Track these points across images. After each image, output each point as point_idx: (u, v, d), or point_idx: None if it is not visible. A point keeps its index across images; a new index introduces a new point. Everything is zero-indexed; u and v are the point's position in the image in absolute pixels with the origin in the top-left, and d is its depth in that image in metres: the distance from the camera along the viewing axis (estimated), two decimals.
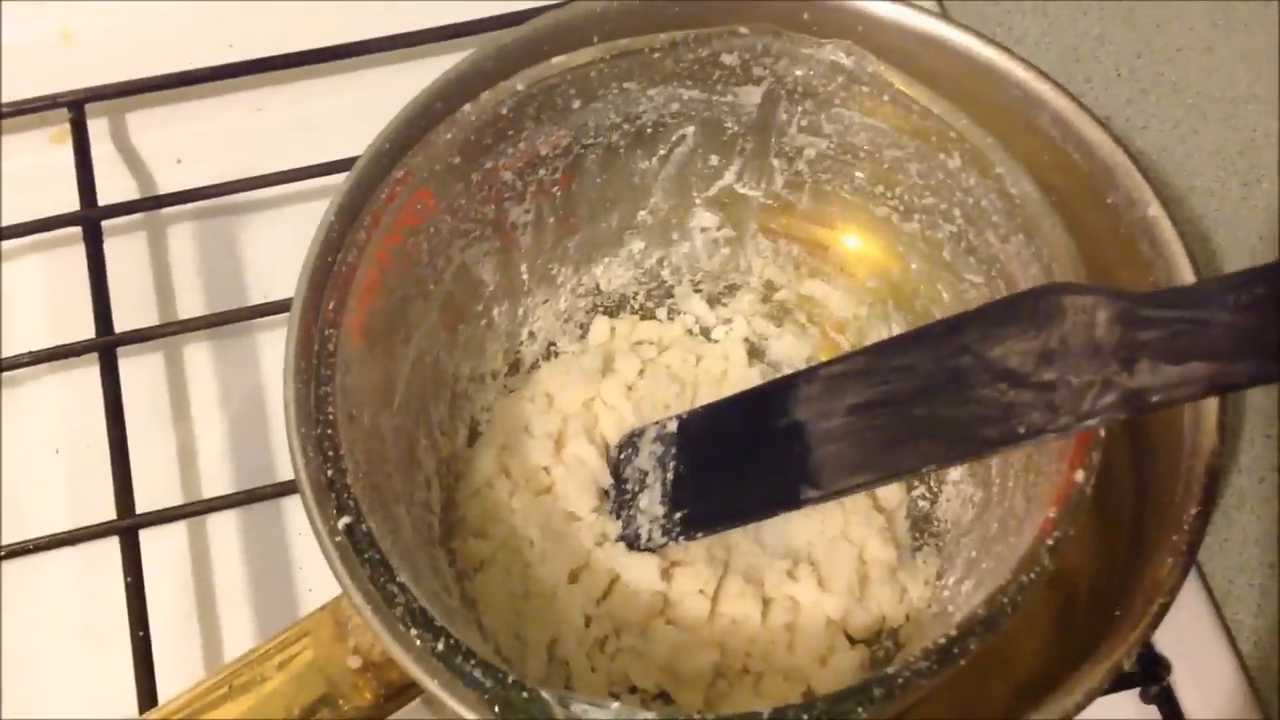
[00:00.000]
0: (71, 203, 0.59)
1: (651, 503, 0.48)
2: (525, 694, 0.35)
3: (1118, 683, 0.39)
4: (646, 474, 0.49)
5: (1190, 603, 0.54)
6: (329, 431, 0.40)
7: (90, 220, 0.59)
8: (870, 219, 0.51)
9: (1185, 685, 0.50)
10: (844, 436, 0.42)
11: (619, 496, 0.49)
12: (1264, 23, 0.48)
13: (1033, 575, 0.37)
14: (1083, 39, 0.59)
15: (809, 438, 0.43)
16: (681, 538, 0.47)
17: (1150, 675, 0.49)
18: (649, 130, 0.49)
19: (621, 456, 0.50)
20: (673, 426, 0.49)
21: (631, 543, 0.48)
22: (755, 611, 0.48)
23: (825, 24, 0.47)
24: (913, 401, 0.40)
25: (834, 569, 0.49)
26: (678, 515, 0.47)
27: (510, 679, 0.35)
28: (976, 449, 0.39)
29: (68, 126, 0.62)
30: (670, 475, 0.48)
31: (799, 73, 0.47)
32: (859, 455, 0.41)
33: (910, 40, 0.47)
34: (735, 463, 0.46)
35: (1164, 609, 0.39)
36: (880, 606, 0.48)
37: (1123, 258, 0.44)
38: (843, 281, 0.53)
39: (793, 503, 0.44)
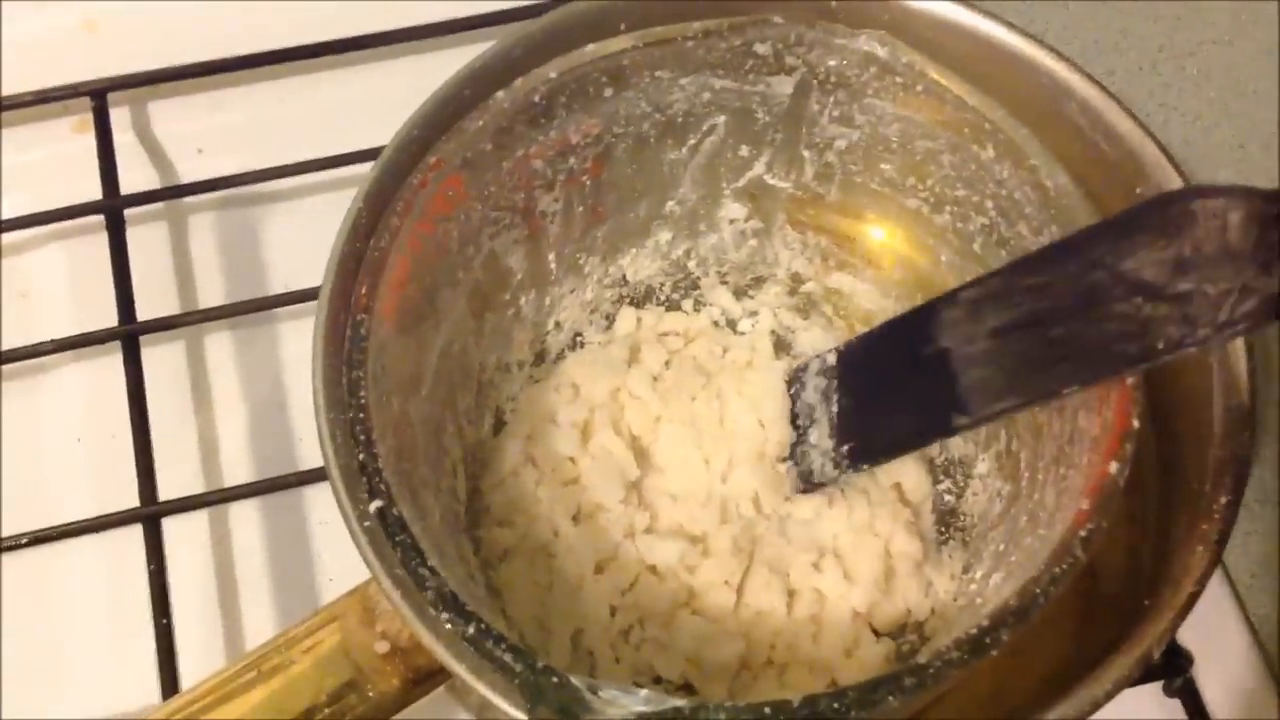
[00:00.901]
0: (94, 192, 0.59)
1: (821, 436, 0.48)
2: (555, 680, 0.35)
3: (1142, 675, 0.39)
4: (814, 408, 0.49)
5: (1213, 597, 0.53)
6: (361, 415, 0.40)
7: (112, 209, 0.59)
8: (900, 211, 0.51)
9: (1207, 679, 0.51)
10: (987, 361, 0.41)
11: (795, 434, 0.49)
12: None
13: (1065, 566, 0.37)
14: (1105, 32, 0.59)
15: (954, 364, 0.42)
16: (851, 470, 0.47)
17: (1173, 668, 0.49)
18: (680, 120, 0.49)
19: (791, 393, 0.50)
20: (832, 359, 0.49)
21: (806, 479, 0.48)
22: (780, 603, 0.48)
23: (852, 13, 0.47)
24: (1050, 322, 0.39)
25: (860, 562, 0.49)
26: (845, 448, 0.47)
27: (540, 664, 0.35)
28: (1116, 367, 0.38)
29: (90, 116, 0.62)
30: (835, 408, 0.48)
31: (832, 63, 0.47)
32: (1002, 380, 0.41)
33: (937, 29, 0.47)
34: (890, 392, 0.46)
35: (1194, 598, 0.39)
36: (906, 600, 0.49)
37: None
38: (870, 274, 0.53)
39: (946, 430, 0.43)
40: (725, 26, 0.46)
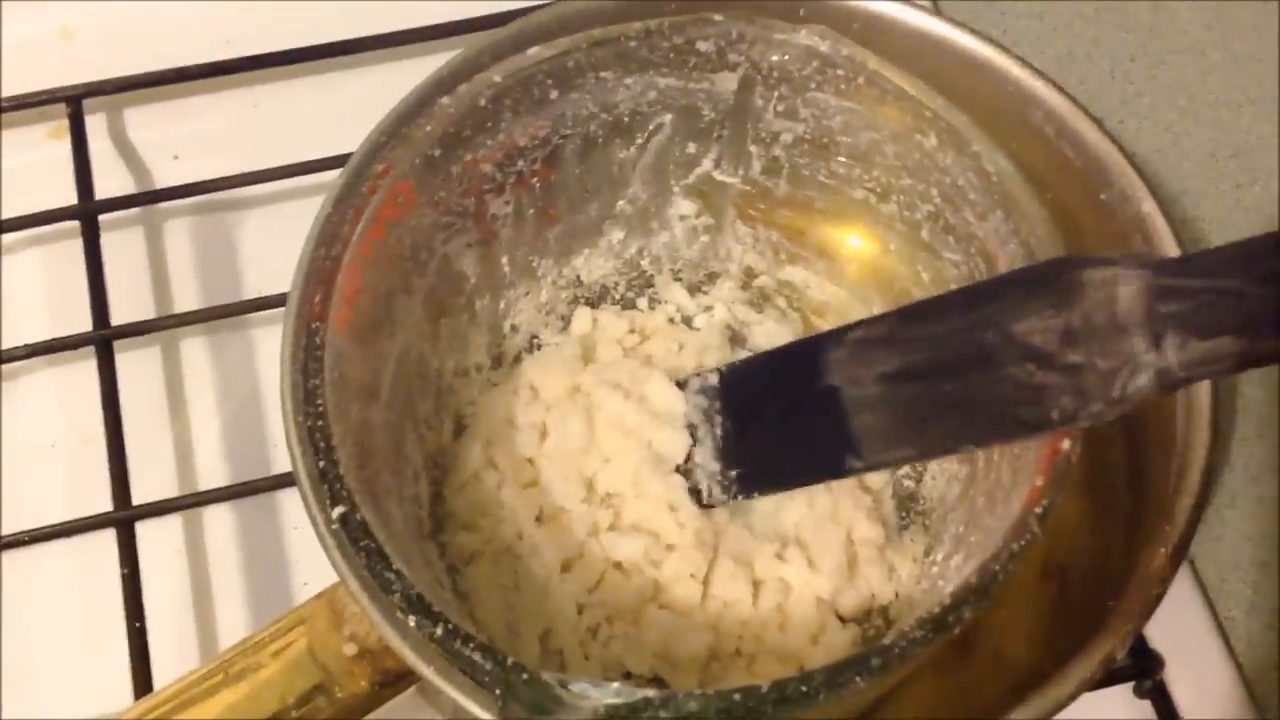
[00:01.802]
0: (69, 197, 0.60)
1: (706, 458, 0.49)
2: (526, 676, 0.35)
3: (1111, 677, 0.39)
4: (697, 427, 0.49)
5: (1183, 599, 0.54)
6: (320, 423, 0.40)
7: (88, 215, 0.59)
8: (848, 202, 0.51)
9: (1178, 681, 0.51)
10: (879, 407, 0.41)
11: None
12: (1258, 26, 0.48)
13: (1023, 543, 0.37)
14: (1078, 41, 0.59)
15: (845, 404, 0.42)
16: (740, 496, 0.48)
17: (1143, 670, 0.49)
18: (626, 119, 0.49)
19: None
20: (714, 380, 0.49)
21: (696, 497, 0.49)
22: (746, 594, 0.48)
23: (821, 21, 0.47)
24: (943, 376, 0.39)
25: (823, 549, 0.49)
26: (732, 474, 0.48)
27: (510, 661, 0.35)
28: (1013, 431, 0.38)
29: (66, 122, 0.62)
30: (719, 431, 0.48)
31: (774, 58, 0.47)
32: (897, 429, 0.41)
33: (906, 38, 0.47)
34: (778, 423, 0.46)
35: (1157, 600, 0.39)
36: (870, 585, 0.49)
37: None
38: (822, 265, 0.53)
39: (838, 472, 0.44)
40: (666, 25, 0.46)
